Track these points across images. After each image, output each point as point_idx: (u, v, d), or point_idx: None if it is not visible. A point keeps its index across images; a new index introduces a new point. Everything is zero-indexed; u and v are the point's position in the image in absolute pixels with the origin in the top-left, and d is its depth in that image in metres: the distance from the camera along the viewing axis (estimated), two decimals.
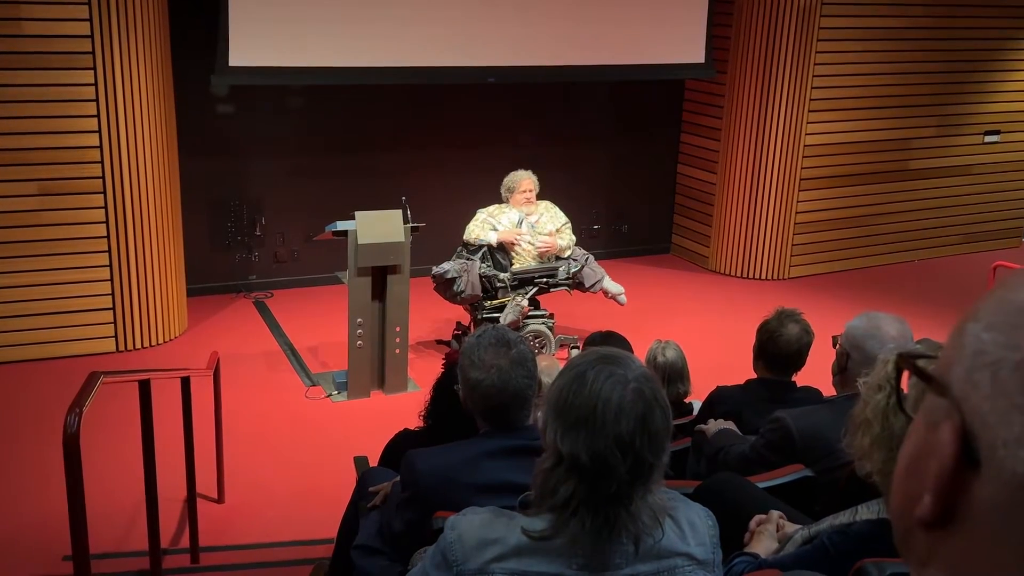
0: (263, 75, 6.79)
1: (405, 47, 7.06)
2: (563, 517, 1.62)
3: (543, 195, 6.55)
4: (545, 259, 6.43)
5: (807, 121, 8.26)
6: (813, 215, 8.61)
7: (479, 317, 6.22)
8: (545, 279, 6.39)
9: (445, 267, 6.20)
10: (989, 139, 9.36)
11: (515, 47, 7.43)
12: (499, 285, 6.23)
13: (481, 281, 6.16)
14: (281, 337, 6.91)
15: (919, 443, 0.64)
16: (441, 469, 2.27)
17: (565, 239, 6.44)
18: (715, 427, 3.34)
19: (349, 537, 2.83)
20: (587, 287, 6.50)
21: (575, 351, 6.08)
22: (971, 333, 0.61)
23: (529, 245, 6.35)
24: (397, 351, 5.92)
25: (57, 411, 3.29)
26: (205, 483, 4.63)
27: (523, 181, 6.40)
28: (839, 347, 2.97)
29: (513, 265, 6.33)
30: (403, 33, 7.02)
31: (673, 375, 4.10)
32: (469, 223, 6.34)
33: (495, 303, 6.25)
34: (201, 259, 7.39)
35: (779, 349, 3.44)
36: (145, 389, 3.62)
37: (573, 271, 6.43)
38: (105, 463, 4.63)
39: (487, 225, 6.29)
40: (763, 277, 8.58)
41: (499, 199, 6.48)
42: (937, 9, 8.55)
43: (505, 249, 6.30)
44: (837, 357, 2.97)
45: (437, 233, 6.81)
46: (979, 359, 0.59)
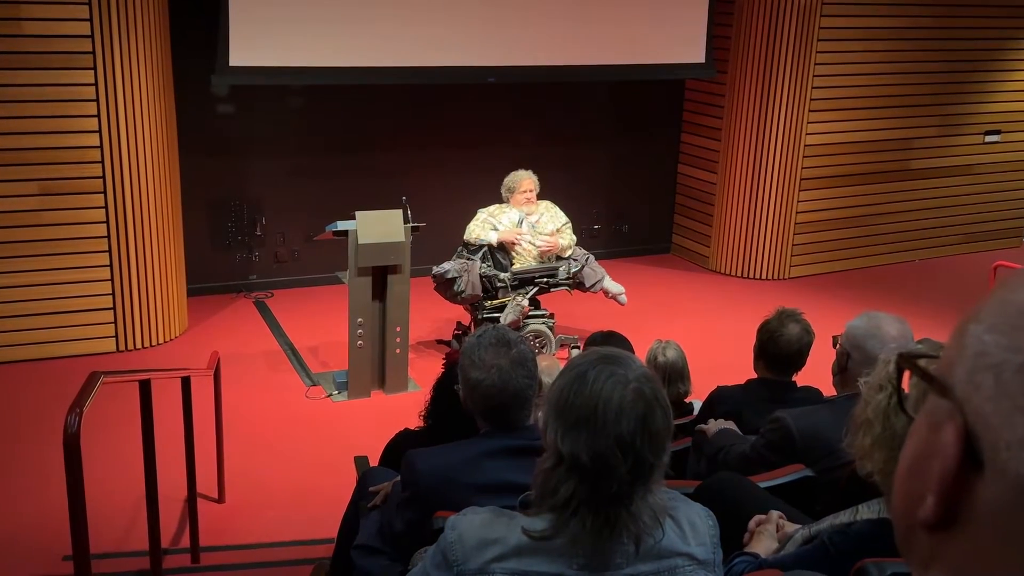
0: (263, 75, 6.79)
1: (405, 47, 7.06)
2: (564, 517, 1.62)
3: (543, 195, 6.54)
4: (545, 259, 6.43)
5: (807, 121, 8.26)
6: (813, 215, 8.61)
7: (479, 317, 6.22)
8: (545, 279, 6.39)
9: (445, 267, 6.20)
10: (990, 139, 9.36)
11: (515, 47, 7.43)
12: (499, 285, 6.23)
13: (481, 281, 6.16)
14: (281, 337, 6.91)
15: (921, 444, 0.64)
16: (441, 469, 2.27)
17: (566, 239, 6.45)
18: (715, 427, 3.34)
19: (349, 537, 2.83)
20: (587, 287, 6.50)
21: (575, 351, 6.08)
22: (973, 334, 0.61)
23: (530, 245, 6.35)
24: (397, 351, 5.92)
25: (57, 411, 3.29)
26: (205, 483, 4.63)
27: (524, 181, 6.40)
28: (839, 347, 2.97)
29: (513, 265, 6.33)
30: (403, 33, 7.02)
31: (673, 375, 4.10)
32: (469, 223, 6.34)
33: (495, 303, 6.25)
34: (201, 259, 7.39)
35: (779, 349, 3.44)
36: (145, 389, 3.62)
37: (573, 271, 6.43)
38: (105, 463, 4.63)
39: (487, 225, 6.29)
40: (763, 277, 8.58)
41: (499, 199, 6.48)
42: (937, 9, 8.54)
43: (505, 249, 6.30)
44: (837, 357, 2.97)
45: (437, 233, 6.81)
46: (981, 361, 0.59)
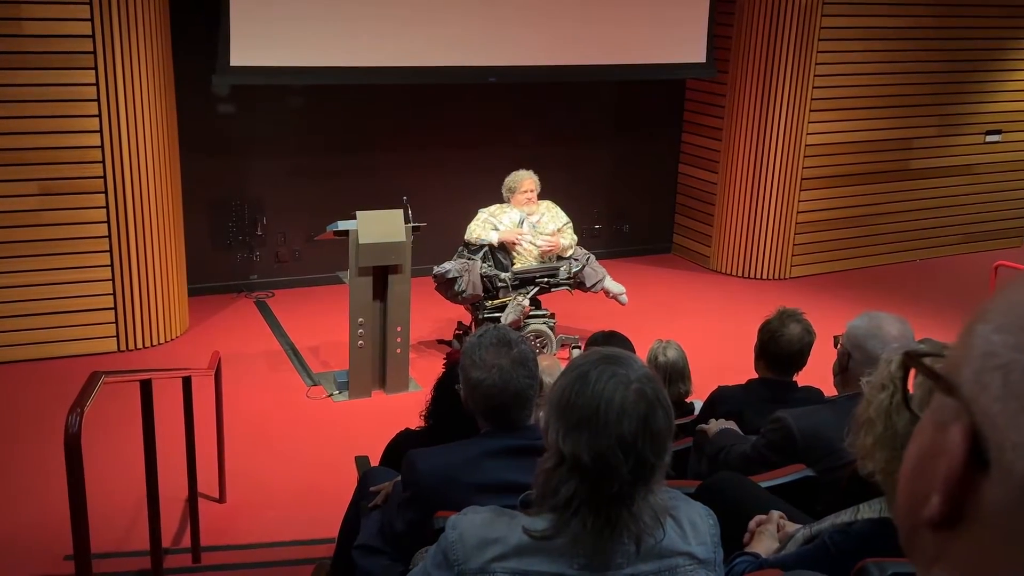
0: (264, 75, 6.79)
1: (405, 47, 7.05)
2: (564, 517, 1.62)
3: (544, 195, 6.54)
4: (546, 259, 6.43)
5: (808, 121, 8.26)
6: (814, 215, 8.61)
7: (480, 317, 6.22)
8: (546, 279, 6.38)
9: (446, 267, 6.20)
10: (990, 139, 9.36)
11: (515, 47, 7.43)
12: (500, 285, 6.23)
13: (482, 281, 6.16)
14: (282, 337, 6.91)
15: (927, 443, 0.64)
16: (442, 469, 2.27)
17: (567, 239, 6.45)
18: (716, 427, 3.34)
19: (350, 537, 2.83)
20: (588, 287, 6.50)
21: (576, 351, 6.09)
22: (981, 335, 0.60)
23: (530, 245, 6.35)
24: (398, 351, 5.92)
25: (58, 411, 3.29)
26: (206, 483, 4.63)
27: (525, 181, 6.40)
28: (840, 347, 2.97)
29: (514, 265, 6.33)
30: (403, 33, 7.02)
31: (674, 375, 4.10)
32: (470, 223, 6.34)
33: (496, 303, 6.25)
34: (202, 259, 7.39)
35: (780, 349, 3.44)
36: (146, 389, 3.62)
37: (574, 271, 6.43)
38: (106, 463, 4.63)
39: (488, 225, 6.29)
40: (764, 277, 8.58)
41: (500, 199, 6.48)
42: (938, 9, 8.54)
43: (506, 249, 6.30)
44: (838, 357, 2.97)
45: (438, 233, 6.81)
46: (989, 361, 0.59)
